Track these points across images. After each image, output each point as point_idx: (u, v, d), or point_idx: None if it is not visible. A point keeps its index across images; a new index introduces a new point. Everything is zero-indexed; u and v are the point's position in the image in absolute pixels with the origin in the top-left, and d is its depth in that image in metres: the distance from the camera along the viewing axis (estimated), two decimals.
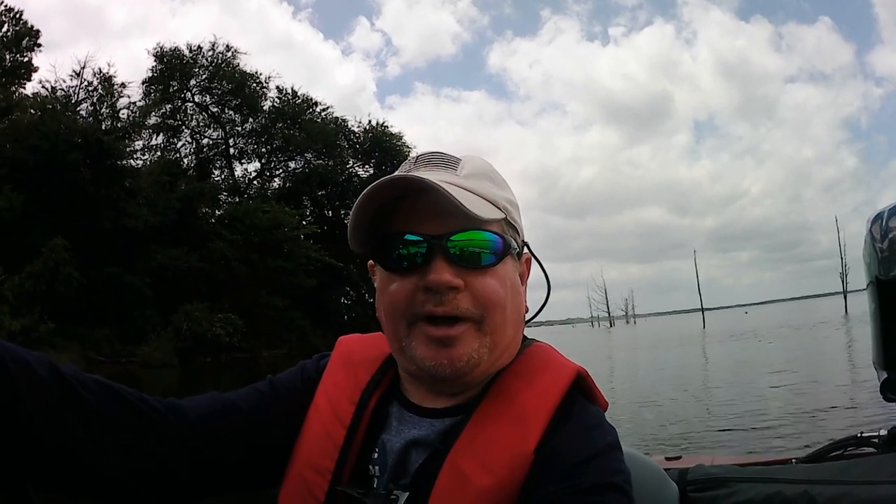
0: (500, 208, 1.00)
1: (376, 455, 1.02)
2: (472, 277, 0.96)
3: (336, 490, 0.99)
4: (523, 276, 1.08)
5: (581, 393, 1.03)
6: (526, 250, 1.09)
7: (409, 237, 0.97)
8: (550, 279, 1.15)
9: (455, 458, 0.94)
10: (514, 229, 1.04)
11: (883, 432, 1.82)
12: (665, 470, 1.50)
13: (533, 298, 1.13)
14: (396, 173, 0.98)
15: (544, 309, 1.18)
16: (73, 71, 38.44)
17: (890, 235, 1.72)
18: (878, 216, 1.77)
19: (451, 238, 0.95)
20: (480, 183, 1.01)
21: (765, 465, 1.84)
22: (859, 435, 1.84)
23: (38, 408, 0.86)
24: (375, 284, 1.04)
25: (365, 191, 0.95)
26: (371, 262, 1.04)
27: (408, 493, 0.96)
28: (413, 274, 0.97)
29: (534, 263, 1.13)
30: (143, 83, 43.28)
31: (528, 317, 1.10)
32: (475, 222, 0.95)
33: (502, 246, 0.99)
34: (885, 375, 1.79)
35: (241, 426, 1.05)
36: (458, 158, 1.04)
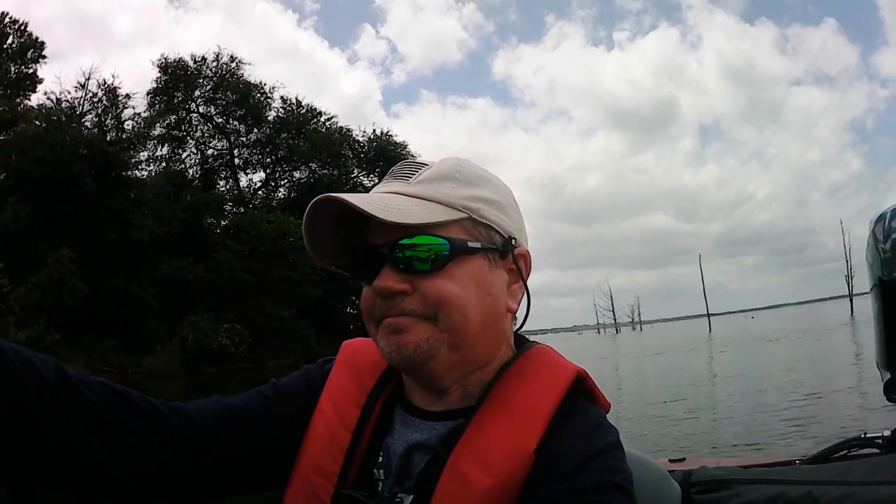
0: (457, 209, 1.01)
1: (381, 458, 1.03)
2: (419, 280, 0.98)
3: (341, 493, 1.00)
4: (517, 272, 1.07)
5: (582, 394, 1.03)
6: (521, 247, 1.07)
7: (364, 248, 1.01)
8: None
9: (456, 460, 0.94)
10: (488, 227, 1.03)
11: (886, 433, 1.81)
12: (669, 472, 1.50)
13: (542, 305, 1.13)
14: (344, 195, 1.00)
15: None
16: (78, 82, 38.62)
17: (893, 236, 1.72)
18: (881, 217, 1.77)
19: (396, 244, 0.98)
20: (436, 186, 1.02)
21: (768, 466, 1.83)
22: (863, 436, 1.84)
23: (43, 408, 0.87)
24: None
25: (305, 214, 1.00)
26: None
27: (412, 496, 0.97)
28: (371, 281, 1.00)
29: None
30: (147, 94, 43.55)
31: (511, 326, 1.09)
32: (421, 227, 0.97)
33: (450, 248, 0.98)
34: (888, 376, 1.79)
35: (245, 429, 1.05)
36: (423, 165, 1.06)
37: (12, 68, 38.25)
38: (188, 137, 47.26)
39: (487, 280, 1.02)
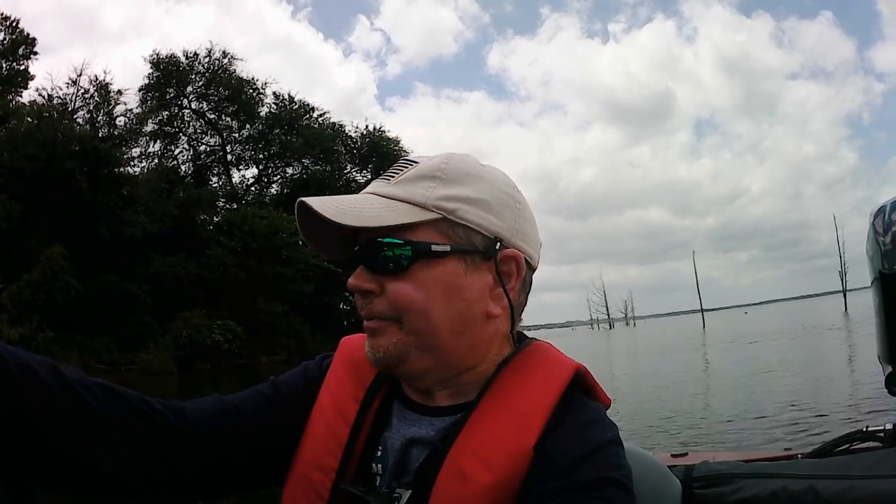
0: (430, 209, 0.98)
1: (379, 453, 1.03)
2: (387, 282, 0.98)
3: (339, 488, 1.00)
4: (509, 275, 1.03)
5: (581, 390, 1.02)
6: (510, 248, 1.03)
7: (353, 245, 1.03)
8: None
9: (455, 456, 0.94)
10: (467, 228, 1.00)
11: (888, 426, 1.81)
12: (670, 467, 1.49)
13: (535, 301, 1.11)
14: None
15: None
16: (70, 78, 38.22)
17: (893, 229, 1.72)
18: (881, 210, 1.77)
19: (365, 245, 0.99)
20: (412, 186, 1.00)
21: (770, 460, 1.83)
22: (865, 429, 1.84)
23: (41, 410, 0.86)
24: None
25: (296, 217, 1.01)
26: None
27: (410, 492, 0.96)
28: None
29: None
30: (139, 90, 43.34)
31: (504, 326, 1.05)
32: (385, 230, 0.97)
33: (412, 251, 0.97)
34: (889, 369, 1.79)
35: (244, 428, 1.05)
36: (412, 163, 1.04)
37: (3, 65, 38.00)
38: (180, 133, 47.17)
39: (460, 284, 0.99)
